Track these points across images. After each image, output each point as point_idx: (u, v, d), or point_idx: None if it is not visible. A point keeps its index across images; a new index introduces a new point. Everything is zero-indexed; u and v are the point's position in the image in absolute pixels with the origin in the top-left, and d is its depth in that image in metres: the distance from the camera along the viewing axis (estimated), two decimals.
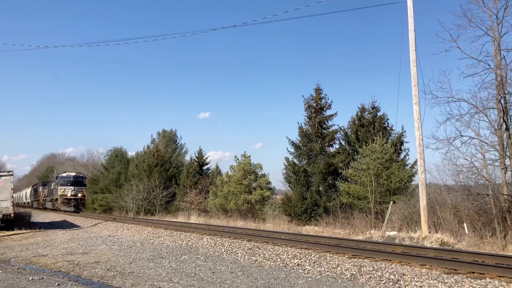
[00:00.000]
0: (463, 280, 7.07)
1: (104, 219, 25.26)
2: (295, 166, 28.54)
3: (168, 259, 10.55)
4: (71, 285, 7.82)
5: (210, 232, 15.84)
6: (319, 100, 28.59)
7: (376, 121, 27.48)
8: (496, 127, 16.39)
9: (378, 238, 15.69)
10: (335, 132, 28.44)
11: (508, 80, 16.17)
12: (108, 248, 13.11)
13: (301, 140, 28.82)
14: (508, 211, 15.75)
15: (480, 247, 13.44)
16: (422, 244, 13.82)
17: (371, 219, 20.78)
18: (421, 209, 15.89)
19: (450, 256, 9.67)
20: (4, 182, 19.09)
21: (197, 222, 25.16)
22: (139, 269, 9.33)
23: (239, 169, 32.20)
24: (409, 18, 16.71)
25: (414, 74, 16.47)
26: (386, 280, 7.40)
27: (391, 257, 9.48)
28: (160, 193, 36.24)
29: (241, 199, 30.58)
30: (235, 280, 7.87)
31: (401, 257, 9.38)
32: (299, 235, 15.44)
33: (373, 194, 22.15)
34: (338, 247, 11.09)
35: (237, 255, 10.70)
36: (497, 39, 16.48)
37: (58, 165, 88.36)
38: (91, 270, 9.51)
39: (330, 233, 19.96)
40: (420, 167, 16.25)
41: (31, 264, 11.12)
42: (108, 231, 18.45)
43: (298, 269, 8.77)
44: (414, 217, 18.09)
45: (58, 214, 35.15)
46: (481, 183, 16.70)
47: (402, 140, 26.83)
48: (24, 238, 17.20)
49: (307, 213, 26.28)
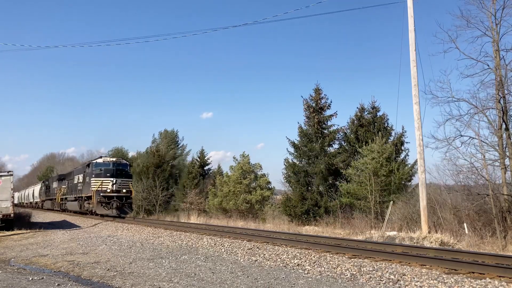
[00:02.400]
0: (463, 280, 7.07)
1: (104, 219, 25.26)
2: (295, 166, 28.56)
3: (168, 259, 10.55)
4: (71, 285, 7.83)
5: (210, 232, 15.85)
6: (318, 100, 28.62)
7: (376, 121, 27.50)
8: (496, 127, 16.39)
9: (378, 238, 15.69)
10: (335, 132, 28.46)
11: (507, 80, 16.18)
12: (108, 248, 13.11)
13: (301, 140, 28.84)
14: (508, 211, 15.76)
15: (480, 247, 13.45)
16: (422, 244, 13.83)
17: (371, 219, 20.80)
18: (421, 209, 15.89)
19: (450, 256, 9.68)
20: (4, 182, 19.09)
21: (197, 222, 25.18)
22: (139, 269, 9.33)
23: (238, 169, 32.25)
24: (409, 18, 16.72)
25: (414, 74, 16.48)
26: (386, 280, 7.40)
27: (391, 257, 9.49)
28: (160, 193, 36.23)
29: (240, 199, 30.60)
30: (235, 280, 7.87)
31: (401, 257, 9.38)
32: (299, 235, 15.44)
33: (372, 194, 22.16)
34: (338, 247, 11.09)
35: (237, 255, 10.70)
36: (496, 39, 16.48)
37: (58, 165, 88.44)
38: (91, 270, 9.51)
39: (330, 233, 19.97)
40: (420, 167, 16.26)
41: (31, 264, 11.12)
42: (108, 231, 18.46)
43: (298, 269, 8.77)
44: (414, 217, 18.10)
45: (59, 214, 34.49)
46: (481, 183, 16.71)
47: (403, 140, 26.85)
48: (24, 238, 17.20)
49: (307, 213, 26.29)
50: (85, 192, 28.51)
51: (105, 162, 27.94)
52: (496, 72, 16.32)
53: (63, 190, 36.09)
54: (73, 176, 33.35)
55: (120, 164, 28.49)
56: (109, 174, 26.76)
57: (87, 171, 28.70)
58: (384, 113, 27.82)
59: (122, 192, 26.67)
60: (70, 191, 33.70)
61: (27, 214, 29.96)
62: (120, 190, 26.68)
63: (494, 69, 16.41)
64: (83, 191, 29.31)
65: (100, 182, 26.44)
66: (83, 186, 29.23)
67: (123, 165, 28.76)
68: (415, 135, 16.45)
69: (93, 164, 28.05)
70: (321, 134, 28.33)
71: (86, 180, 28.67)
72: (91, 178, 27.11)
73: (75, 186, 31.87)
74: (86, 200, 28.42)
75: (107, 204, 25.92)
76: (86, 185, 28.48)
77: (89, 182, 27.58)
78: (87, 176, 28.42)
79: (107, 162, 27.92)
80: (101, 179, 26.56)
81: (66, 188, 35.31)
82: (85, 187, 28.60)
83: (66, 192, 35.11)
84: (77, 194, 31.21)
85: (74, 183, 32.40)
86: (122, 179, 27.23)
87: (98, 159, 29.13)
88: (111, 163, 27.86)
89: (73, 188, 32.77)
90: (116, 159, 28.94)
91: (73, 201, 32.35)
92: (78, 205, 30.66)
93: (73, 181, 33.12)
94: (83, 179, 29.66)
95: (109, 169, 27.15)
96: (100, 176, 26.77)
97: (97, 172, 27.08)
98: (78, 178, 31.56)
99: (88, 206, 28.02)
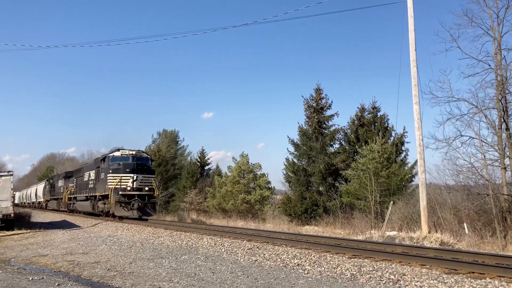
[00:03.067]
0: (463, 280, 7.07)
1: (104, 219, 25.23)
2: (295, 165, 28.57)
3: (168, 259, 10.55)
4: (71, 285, 7.82)
5: (210, 232, 15.84)
6: (319, 100, 28.65)
7: (377, 121, 27.52)
8: (496, 127, 16.40)
9: (378, 238, 15.69)
10: (335, 132, 28.49)
11: (508, 80, 16.18)
12: (108, 248, 13.11)
13: (301, 139, 28.87)
14: (508, 211, 15.76)
15: (480, 247, 13.45)
16: (422, 244, 13.82)
17: (371, 219, 20.81)
18: (421, 209, 15.89)
19: (450, 256, 9.67)
20: (4, 182, 19.09)
21: (197, 222, 25.17)
22: (139, 269, 9.32)
23: (236, 169, 32.24)
24: (409, 18, 16.71)
25: (414, 74, 16.48)
26: (386, 280, 7.40)
27: (391, 257, 9.48)
28: (160, 193, 36.20)
29: (239, 199, 30.58)
30: (235, 280, 7.87)
31: (401, 257, 9.38)
32: (299, 235, 15.43)
33: (372, 194, 22.17)
34: (338, 247, 11.09)
35: (237, 255, 10.70)
36: (497, 38, 16.49)
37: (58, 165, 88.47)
38: (91, 270, 9.51)
39: (330, 233, 19.98)
40: (420, 167, 16.26)
41: (31, 264, 11.12)
42: (108, 231, 18.45)
43: (298, 269, 8.76)
44: (414, 217, 18.11)
45: (59, 214, 34.32)
46: (481, 183, 16.73)
47: (403, 140, 26.88)
48: (24, 238, 17.20)
49: (307, 213, 26.32)
50: (100, 190, 24.71)
51: (124, 156, 23.96)
52: (497, 72, 16.33)
53: (70, 189, 32.75)
54: (83, 172, 29.72)
55: (141, 158, 24.49)
56: (128, 169, 23.01)
57: (102, 166, 24.85)
58: (385, 113, 27.89)
59: (145, 190, 22.96)
60: (79, 189, 30.12)
61: (27, 214, 29.94)
62: (141, 187, 22.94)
63: (495, 68, 16.41)
64: (96, 190, 25.53)
65: (118, 178, 22.63)
66: (97, 183, 25.46)
67: (144, 159, 24.76)
68: (415, 135, 16.45)
69: (109, 158, 23.96)
70: (321, 133, 28.37)
71: (100, 177, 24.79)
72: (108, 174, 23.23)
73: (86, 184, 28.30)
74: (101, 200, 24.74)
75: (127, 205, 22.36)
76: (100, 182, 24.61)
77: (104, 179, 23.67)
78: (102, 172, 24.57)
79: (125, 156, 23.95)
80: (120, 175, 22.76)
81: (75, 186, 31.85)
82: (100, 184, 24.75)
83: (75, 191, 31.56)
84: (88, 193, 27.40)
85: (84, 180, 28.84)
86: (144, 175, 23.36)
87: (115, 152, 24.88)
88: (130, 156, 23.96)
89: (83, 186, 29.18)
90: (136, 152, 24.52)
91: (83, 201, 28.72)
92: (90, 206, 26.91)
93: (82, 178, 29.47)
94: (96, 176, 25.88)
95: (129, 164, 23.38)
96: (118, 171, 22.97)
97: (114, 167, 23.27)
98: (89, 175, 27.74)
99: (104, 207, 24.37)
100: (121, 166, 23.16)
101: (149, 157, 25.95)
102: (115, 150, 26.05)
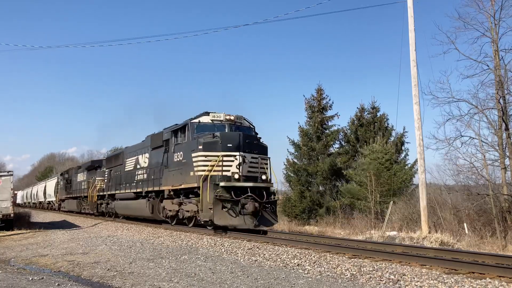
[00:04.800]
0: (463, 280, 7.07)
1: (104, 219, 25.23)
2: (295, 165, 28.59)
3: (168, 259, 10.55)
4: (71, 285, 7.82)
5: (210, 232, 15.84)
6: (320, 100, 28.67)
7: (376, 121, 27.56)
8: (496, 127, 16.43)
9: (378, 238, 15.69)
10: (336, 132, 28.54)
11: (507, 80, 16.22)
12: (108, 248, 13.11)
13: (302, 140, 28.89)
14: (508, 211, 15.78)
15: (480, 247, 13.46)
16: (422, 244, 13.83)
17: (371, 219, 20.82)
18: (421, 209, 15.90)
19: (450, 256, 9.67)
20: (4, 182, 19.10)
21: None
22: (139, 269, 9.32)
23: None
24: (409, 18, 16.72)
25: (414, 74, 16.49)
26: (386, 280, 7.40)
27: (391, 257, 9.48)
28: None
29: None
30: (235, 280, 7.87)
31: (401, 257, 9.38)
32: (299, 235, 15.43)
33: (373, 194, 22.18)
34: (338, 247, 11.09)
35: (237, 255, 10.70)
36: (495, 40, 16.55)
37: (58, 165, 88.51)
38: (91, 270, 9.51)
39: (330, 233, 19.98)
40: (420, 167, 16.27)
41: (31, 264, 11.12)
42: (108, 231, 18.45)
43: (298, 269, 8.76)
44: (414, 217, 18.13)
45: (58, 214, 34.21)
46: (481, 183, 16.76)
47: (403, 140, 26.93)
48: (24, 238, 17.20)
49: (307, 213, 26.33)
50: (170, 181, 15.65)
51: (217, 124, 14.92)
52: (496, 72, 16.37)
53: (101, 184, 24.83)
54: (124, 159, 21.17)
55: (245, 128, 15.44)
56: (231, 144, 13.88)
57: (174, 142, 15.84)
58: (384, 113, 27.92)
59: (261, 180, 14.11)
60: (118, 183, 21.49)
61: (27, 214, 29.96)
62: (256, 176, 14.12)
63: (493, 69, 16.45)
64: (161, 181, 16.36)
65: (216, 159, 13.57)
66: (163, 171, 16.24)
67: (248, 130, 15.50)
68: (415, 135, 16.46)
69: (193, 125, 14.85)
70: (322, 134, 28.41)
71: (173, 159, 15.59)
72: (194, 152, 14.17)
73: (132, 175, 19.72)
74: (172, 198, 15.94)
75: (233, 205, 13.47)
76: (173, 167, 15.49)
77: (188, 162, 14.48)
78: (176, 152, 15.48)
79: (219, 124, 14.91)
80: (217, 153, 13.73)
81: (109, 179, 23.30)
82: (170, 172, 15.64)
83: (111, 185, 22.78)
84: (142, 187, 18.29)
85: (128, 170, 20.44)
86: (253, 155, 14.25)
87: (201, 116, 15.15)
88: (227, 124, 14.91)
89: (127, 178, 20.51)
90: (235, 117, 15.20)
91: (130, 199, 19.74)
92: (148, 207, 17.69)
93: (123, 167, 21.20)
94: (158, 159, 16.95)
95: (231, 136, 14.24)
96: (213, 148, 13.89)
97: (207, 140, 14.04)
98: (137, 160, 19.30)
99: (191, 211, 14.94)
100: (218, 139, 13.94)
101: (253, 128, 15.95)
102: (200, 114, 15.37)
